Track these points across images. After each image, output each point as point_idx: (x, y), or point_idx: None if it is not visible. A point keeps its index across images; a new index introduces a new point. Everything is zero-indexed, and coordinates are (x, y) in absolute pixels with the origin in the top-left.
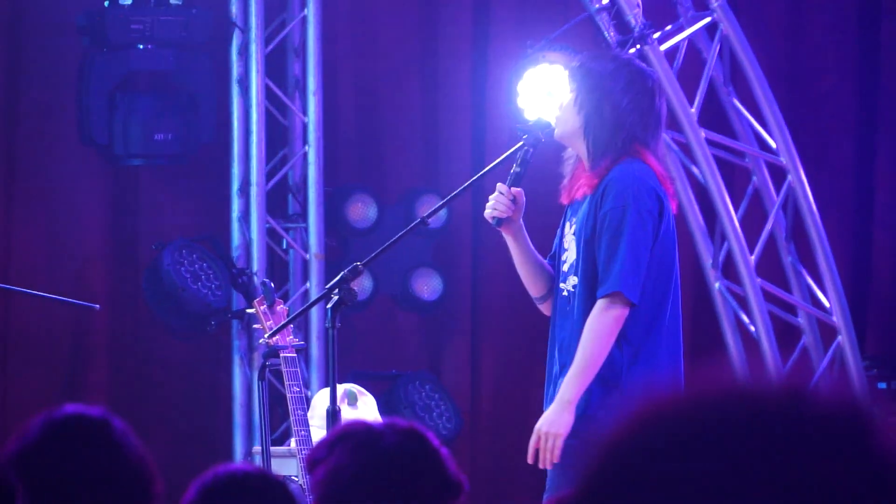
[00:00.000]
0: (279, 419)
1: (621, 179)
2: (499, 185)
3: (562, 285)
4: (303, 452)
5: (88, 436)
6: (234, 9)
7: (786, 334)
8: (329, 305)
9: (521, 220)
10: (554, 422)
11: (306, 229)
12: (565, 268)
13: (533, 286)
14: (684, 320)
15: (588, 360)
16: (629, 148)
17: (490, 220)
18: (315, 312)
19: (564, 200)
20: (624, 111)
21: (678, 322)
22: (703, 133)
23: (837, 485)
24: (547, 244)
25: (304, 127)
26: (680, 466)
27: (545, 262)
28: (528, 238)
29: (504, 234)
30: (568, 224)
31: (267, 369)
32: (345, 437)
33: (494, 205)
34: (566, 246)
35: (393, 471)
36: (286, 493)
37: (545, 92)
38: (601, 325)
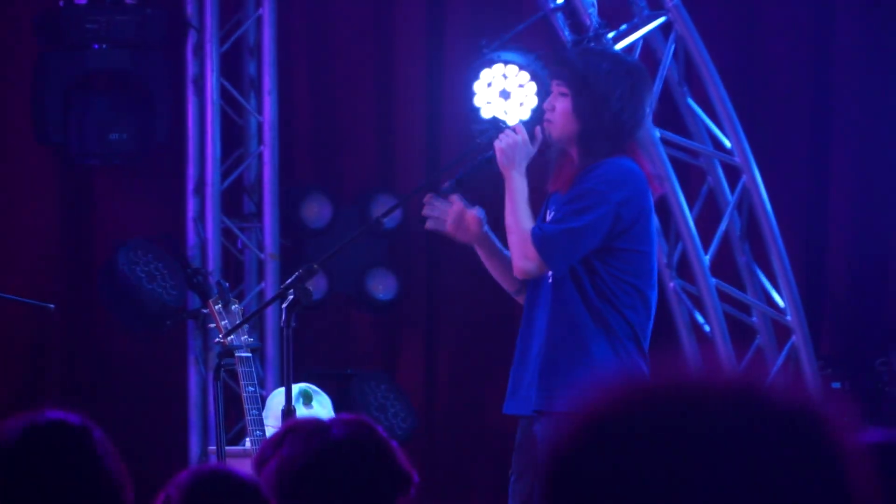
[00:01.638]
0: (234, 419)
1: (602, 170)
2: (427, 195)
3: None
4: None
5: (68, 443)
6: (190, 8)
7: (740, 334)
8: (284, 305)
9: (484, 226)
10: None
11: (262, 229)
12: None
13: (505, 283)
14: None
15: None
16: (622, 147)
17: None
18: (270, 312)
19: (551, 188)
20: (620, 113)
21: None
22: (657, 132)
23: (790, 481)
24: None
25: (260, 127)
26: (629, 458)
27: None
28: (495, 240)
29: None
30: (548, 213)
31: (222, 369)
32: (293, 430)
33: (426, 213)
34: None
35: (342, 461)
36: (261, 496)
37: (500, 92)
38: (523, 245)
